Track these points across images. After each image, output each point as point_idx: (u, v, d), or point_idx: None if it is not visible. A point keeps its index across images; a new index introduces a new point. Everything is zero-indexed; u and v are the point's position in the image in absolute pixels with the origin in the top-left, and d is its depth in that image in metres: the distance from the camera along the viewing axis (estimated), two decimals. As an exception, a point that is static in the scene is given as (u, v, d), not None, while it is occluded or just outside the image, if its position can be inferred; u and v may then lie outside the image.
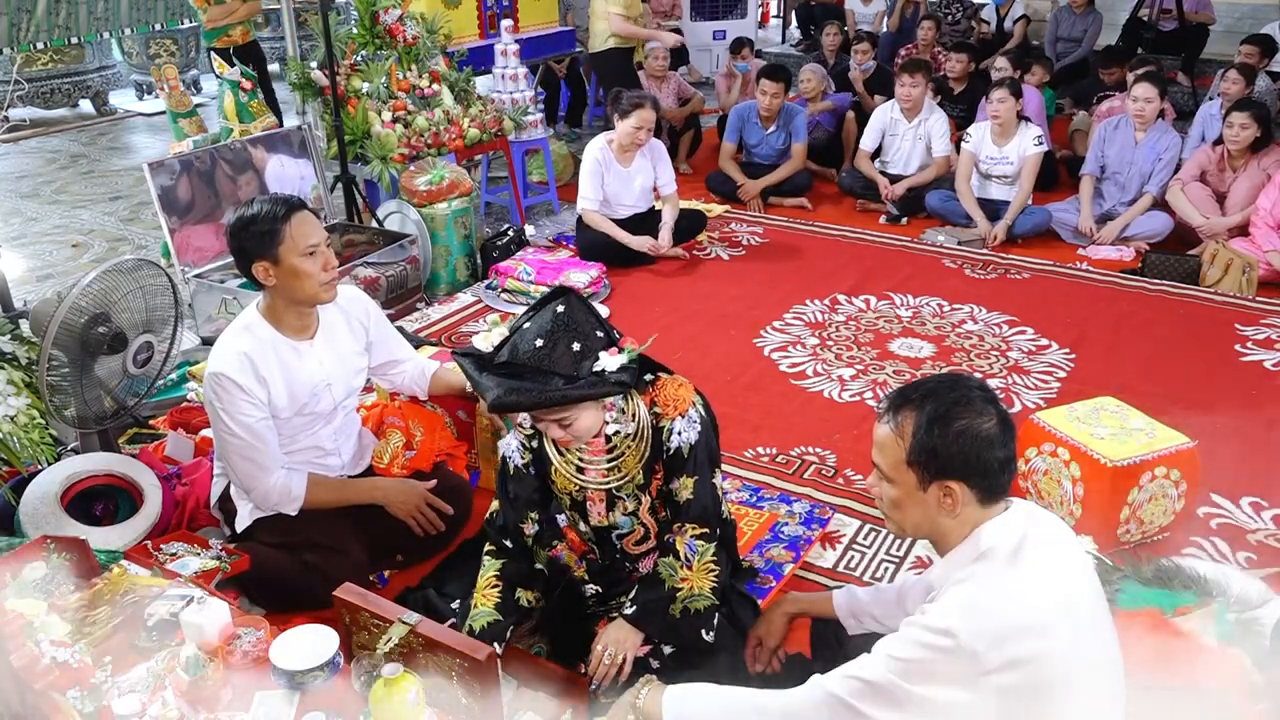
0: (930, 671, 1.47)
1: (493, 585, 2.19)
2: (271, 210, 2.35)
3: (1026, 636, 1.45)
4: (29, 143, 7.63)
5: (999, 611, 1.47)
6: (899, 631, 1.55)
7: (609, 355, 1.98)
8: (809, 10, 10.19)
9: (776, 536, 2.83)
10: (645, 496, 2.19)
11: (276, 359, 2.43)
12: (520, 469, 2.23)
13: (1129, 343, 4.11)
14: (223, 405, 2.38)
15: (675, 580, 2.12)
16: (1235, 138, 4.90)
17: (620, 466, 2.15)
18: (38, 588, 2.13)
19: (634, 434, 2.13)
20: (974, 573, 1.53)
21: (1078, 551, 1.61)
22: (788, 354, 4.04)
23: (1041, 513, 1.64)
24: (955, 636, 1.45)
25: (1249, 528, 2.90)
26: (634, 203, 4.94)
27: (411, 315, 4.40)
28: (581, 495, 2.20)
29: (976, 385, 1.61)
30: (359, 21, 4.89)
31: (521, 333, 2.03)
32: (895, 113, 5.77)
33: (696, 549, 2.13)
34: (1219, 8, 8.41)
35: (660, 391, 2.15)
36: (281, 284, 2.38)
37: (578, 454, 2.16)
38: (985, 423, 1.54)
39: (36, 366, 2.61)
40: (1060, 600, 1.49)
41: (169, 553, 2.44)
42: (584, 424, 2.03)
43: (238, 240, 2.37)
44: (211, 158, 4.19)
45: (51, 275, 4.92)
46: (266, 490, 2.47)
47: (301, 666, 1.86)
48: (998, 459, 1.55)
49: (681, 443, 2.11)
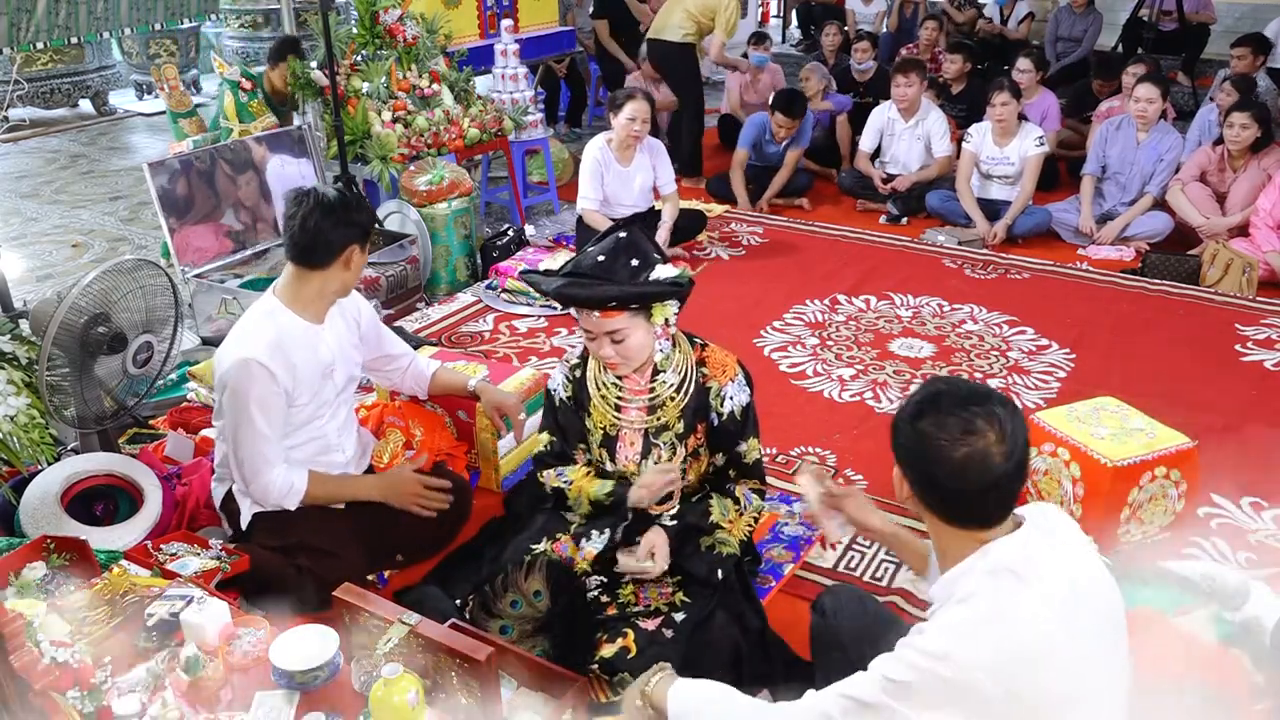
0: (922, 696, 1.43)
1: (585, 475, 2.36)
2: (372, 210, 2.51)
3: (1027, 666, 1.39)
4: (29, 143, 7.63)
5: (999, 638, 1.40)
6: (894, 651, 1.50)
7: (664, 267, 2.16)
8: (809, 10, 10.19)
9: (776, 536, 2.83)
10: (682, 449, 2.30)
11: (297, 343, 2.45)
12: (565, 401, 2.39)
13: (1129, 343, 4.11)
14: (250, 391, 2.37)
15: (723, 520, 2.27)
16: (1235, 138, 4.90)
17: (660, 414, 2.28)
18: (38, 588, 2.14)
19: (678, 384, 2.26)
20: (976, 593, 1.45)
21: (1094, 566, 1.52)
22: (788, 354, 4.04)
23: (1059, 525, 1.54)
24: (950, 661, 1.41)
25: (1249, 528, 2.90)
26: (634, 202, 4.93)
27: (411, 315, 4.40)
28: (615, 431, 2.32)
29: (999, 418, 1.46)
30: (359, 21, 4.89)
31: (585, 253, 2.22)
32: (893, 113, 5.77)
33: (753, 500, 2.32)
34: (1219, 8, 8.41)
35: (710, 354, 2.31)
36: (348, 273, 2.47)
37: (616, 391, 2.29)
38: (958, 444, 1.45)
39: (36, 366, 2.61)
40: (1066, 626, 1.42)
41: (169, 553, 2.44)
42: (635, 341, 2.17)
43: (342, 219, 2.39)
44: (211, 158, 4.19)
45: (51, 275, 4.92)
46: (268, 483, 2.47)
47: (301, 666, 1.87)
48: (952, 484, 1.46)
49: (734, 406, 2.27)
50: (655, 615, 2.21)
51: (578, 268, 2.17)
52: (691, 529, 2.28)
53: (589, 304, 2.14)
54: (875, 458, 3.21)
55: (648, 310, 2.20)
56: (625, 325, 2.15)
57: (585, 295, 2.12)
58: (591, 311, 2.17)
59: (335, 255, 2.42)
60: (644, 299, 2.15)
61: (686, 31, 6.03)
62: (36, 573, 2.17)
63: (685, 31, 6.03)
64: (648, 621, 2.21)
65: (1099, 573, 1.53)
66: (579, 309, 2.22)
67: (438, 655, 1.84)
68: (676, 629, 2.16)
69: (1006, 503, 1.50)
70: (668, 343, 2.26)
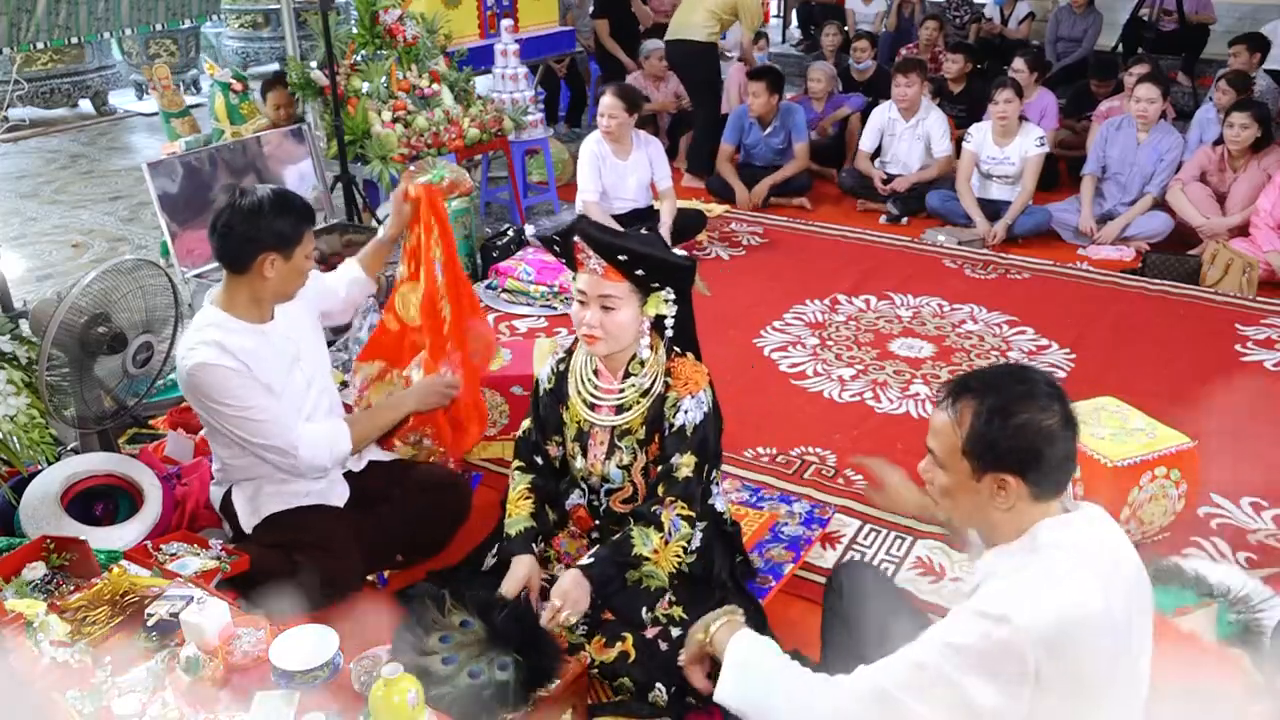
0: (981, 661, 1.44)
1: (525, 496, 2.40)
2: (305, 209, 2.39)
3: (1075, 635, 1.42)
4: (29, 143, 7.64)
5: (1053, 602, 1.43)
6: (950, 618, 1.52)
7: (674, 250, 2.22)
8: (809, 10, 10.18)
9: (776, 536, 2.83)
10: (643, 455, 2.29)
11: (247, 344, 2.38)
12: (547, 391, 2.42)
13: (1129, 343, 4.11)
14: (219, 393, 2.32)
15: (646, 550, 2.18)
16: (1236, 138, 4.90)
17: (625, 417, 2.28)
18: (38, 588, 2.14)
19: (646, 390, 2.27)
20: (1029, 564, 1.50)
21: (1134, 566, 1.56)
22: (788, 354, 4.04)
23: (1106, 520, 1.59)
24: (1009, 623, 1.42)
25: (1249, 528, 2.90)
26: (632, 196, 4.95)
27: (411, 315, 4.39)
28: (588, 427, 2.34)
29: (1043, 379, 1.57)
30: (359, 21, 4.89)
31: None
32: (893, 113, 5.77)
33: (680, 528, 2.21)
34: (1219, 8, 8.40)
35: (679, 365, 2.29)
36: (276, 279, 2.37)
37: (591, 389, 2.31)
38: (1047, 419, 1.51)
39: (36, 366, 2.61)
40: (1108, 608, 1.45)
41: (169, 553, 2.43)
42: (622, 318, 2.18)
43: (254, 226, 2.30)
44: (212, 158, 4.19)
45: (51, 275, 4.92)
46: (311, 443, 2.40)
47: (301, 666, 1.87)
48: (1057, 456, 1.52)
49: (686, 421, 2.24)
50: (654, 625, 2.21)
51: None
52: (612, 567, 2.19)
53: (602, 247, 2.14)
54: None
55: (646, 292, 2.20)
56: (621, 295, 2.16)
57: (602, 237, 2.15)
58: (596, 269, 2.16)
59: (249, 263, 2.34)
60: (653, 265, 2.16)
61: (711, 30, 5.98)
62: (36, 573, 2.17)
63: (710, 30, 5.98)
64: (646, 630, 2.21)
65: (1137, 561, 1.57)
66: (583, 263, 2.19)
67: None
68: (672, 643, 2.15)
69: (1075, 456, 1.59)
70: (649, 349, 2.26)
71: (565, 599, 2.13)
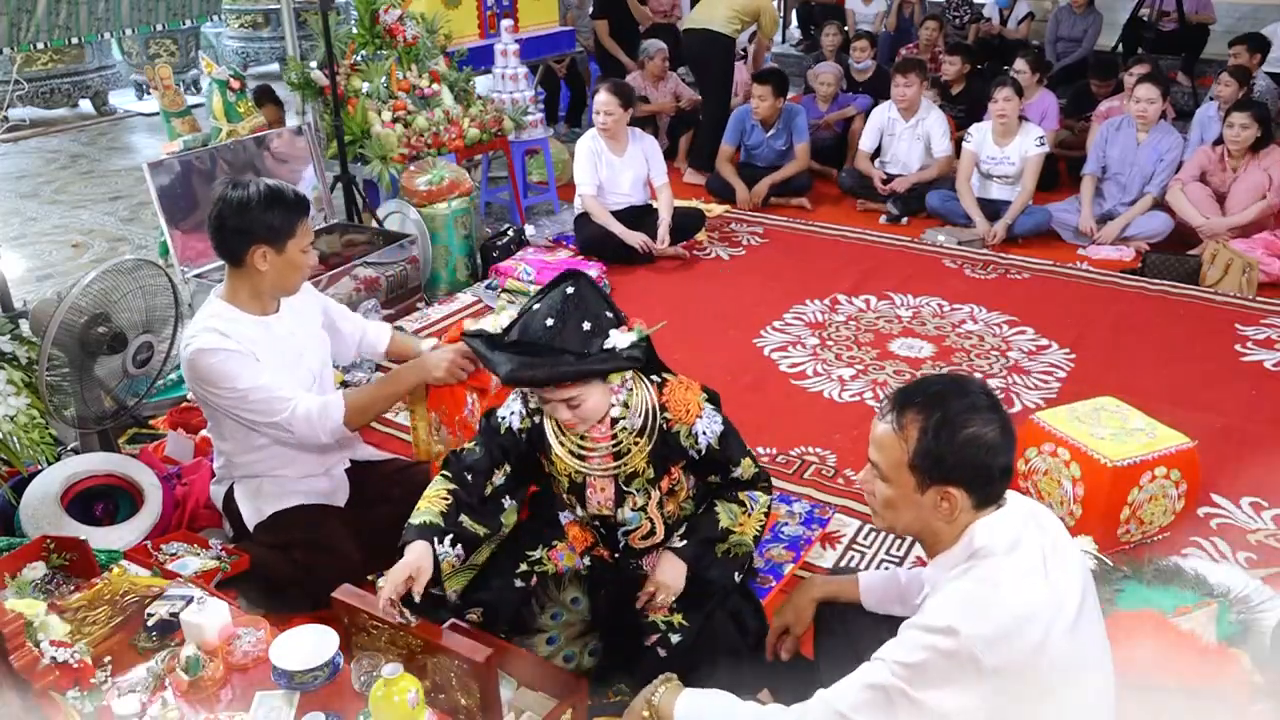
0: (935, 675, 1.46)
1: (442, 497, 2.14)
2: (297, 201, 2.37)
3: (1023, 632, 1.44)
4: (29, 143, 7.64)
5: (997, 605, 1.46)
6: (899, 636, 1.53)
7: (619, 333, 2.01)
8: (809, 10, 10.18)
9: (776, 536, 2.83)
10: (655, 491, 2.21)
11: (250, 334, 2.39)
12: (515, 433, 2.22)
13: (1129, 343, 4.11)
14: (220, 375, 2.31)
15: (734, 524, 2.20)
16: (1236, 138, 4.89)
17: (626, 461, 2.16)
18: (38, 588, 2.14)
19: (640, 429, 2.14)
20: (969, 569, 1.53)
21: (1070, 548, 1.60)
22: (788, 354, 4.04)
23: (1034, 508, 1.63)
24: (956, 634, 1.44)
25: (1249, 528, 2.90)
26: (627, 192, 4.97)
27: (411, 315, 4.40)
28: (581, 479, 2.20)
29: (981, 390, 1.60)
30: (359, 21, 4.89)
31: (532, 313, 2.04)
32: (893, 113, 5.77)
33: (757, 499, 2.25)
34: (1219, 8, 8.40)
35: (670, 395, 2.16)
36: (271, 272, 2.38)
37: (576, 439, 2.16)
38: (990, 431, 1.53)
39: (36, 366, 2.61)
40: (1052, 596, 1.48)
41: (169, 553, 2.44)
42: (591, 405, 2.04)
43: (245, 219, 2.31)
44: (212, 157, 4.19)
45: (51, 275, 4.92)
46: (306, 414, 2.34)
47: (301, 666, 1.87)
48: (999, 467, 1.55)
49: (710, 438, 2.16)
50: (653, 631, 2.18)
51: (525, 332, 2.01)
52: (701, 545, 2.20)
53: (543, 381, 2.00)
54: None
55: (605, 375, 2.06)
56: (580, 392, 2.01)
57: (541, 378, 1.98)
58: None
59: (241, 255, 2.35)
60: (599, 374, 2.01)
61: (735, 27, 6.09)
62: (36, 573, 2.18)
63: (734, 27, 6.09)
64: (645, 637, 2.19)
65: (1074, 552, 1.60)
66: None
67: (437, 656, 1.84)
68: (671, 650, 2.14)
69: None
70: (624, 393, 2.13)
71: (660, 582, 2.16)
